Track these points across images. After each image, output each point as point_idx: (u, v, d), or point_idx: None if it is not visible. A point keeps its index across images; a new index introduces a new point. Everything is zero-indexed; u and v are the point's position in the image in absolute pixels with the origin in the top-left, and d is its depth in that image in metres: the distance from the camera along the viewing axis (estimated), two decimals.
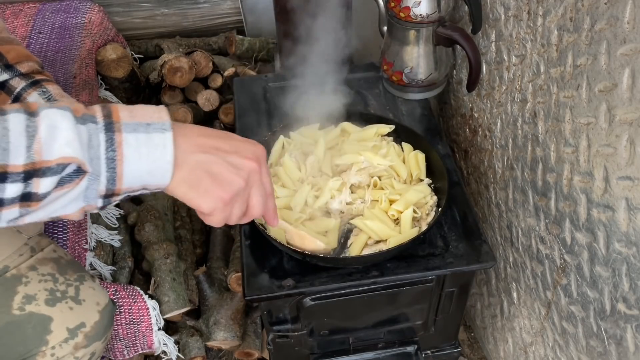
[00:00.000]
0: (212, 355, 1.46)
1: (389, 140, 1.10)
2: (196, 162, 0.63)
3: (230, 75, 1.61)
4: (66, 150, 0.55)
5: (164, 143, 0.60)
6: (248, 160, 0.67)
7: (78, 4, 1.66)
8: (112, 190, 0.60)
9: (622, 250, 0.74)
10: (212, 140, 0.65)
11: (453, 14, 1.20)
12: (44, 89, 0.96)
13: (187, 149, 0.63)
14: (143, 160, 0.59)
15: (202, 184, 0.64)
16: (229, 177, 0.66)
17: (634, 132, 0.67)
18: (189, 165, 0.63)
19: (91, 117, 0.58)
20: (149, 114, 0.61)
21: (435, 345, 1.23)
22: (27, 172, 0.54)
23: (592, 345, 0.88)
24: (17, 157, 0.53)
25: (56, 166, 0.55)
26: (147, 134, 0.59)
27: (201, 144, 0.64)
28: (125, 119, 0.59)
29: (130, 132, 0.58)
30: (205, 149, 0.64)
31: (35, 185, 0.55)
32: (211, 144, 0.65)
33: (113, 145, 0.58)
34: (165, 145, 0.60)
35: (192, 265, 1.44)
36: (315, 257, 0.93)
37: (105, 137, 0.58)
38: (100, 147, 0.57)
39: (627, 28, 0.65)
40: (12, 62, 0.96)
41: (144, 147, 0.59)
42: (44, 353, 0.92)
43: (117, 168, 0.59)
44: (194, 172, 0.64)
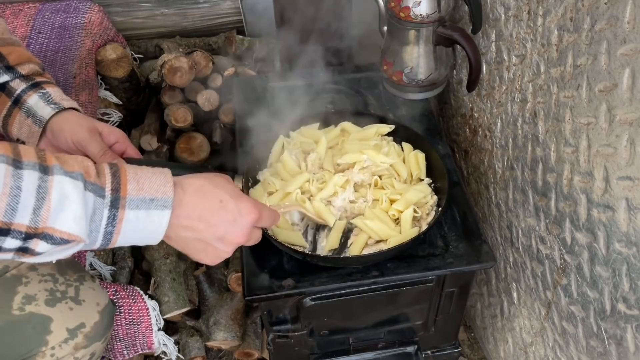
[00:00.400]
0: (212, 356, 1.46)
1: (389, 140, 1.10)
2: (184, 240, 0.70)
3: (230, 75, 1.60)
4: (72, 226, 0.59)
5: (160, 221, 0.65)
6: (233, 244, 0.73)
7: (78, 4, 1.66)
8: (102, 249, 0.69)
9: (622, 250, 0.74)
10: (203, 222, 0.69)
11: (453, 14, 1.20)
12: (44, 92, 0.96)
13: (178, 225, 0.68)
14: (137, 233, 0.65)
15: (190, 255, 0.73)
16: (215, 253, 0.73)
17: (634, 132, 0.67)
18: (178, 240, 0.70)
19: (100, 189, 0.62)
20: (155, 187, 0.65)
21: (435, 345, 1.23)
22: (29, 234, 0.58)
23: (592, 345, 0.88)
24: (23, 217, 0.57)
25: (60, 239, 0.59)
26: (148, 211, 0.64)
27: (191, 225, 0.69)
28: (131, 194, 0.63)
29: (133, 208, 0.63)
30: (195, 228, 0.69)
31: (34, 245, 0.59)
32: (203, 223, 0.69)
33: (114, 222, 0.62)
34: (161, 224, 0.65)
35: (192, 265, 1.44)
36: (316, 257, 0.93)
37: (108, 214, 0.62)
38: (102, 221, 0.62)
39: (627, 28, 0.65)
40: (12, 63, 0.96)
41: (141, 223, 0.64)
42: (44, 353, 0.92)
43: (112, 239, 0.64)
44: (182, 247, 0.71)
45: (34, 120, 0.94)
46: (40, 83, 0.98)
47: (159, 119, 1.61)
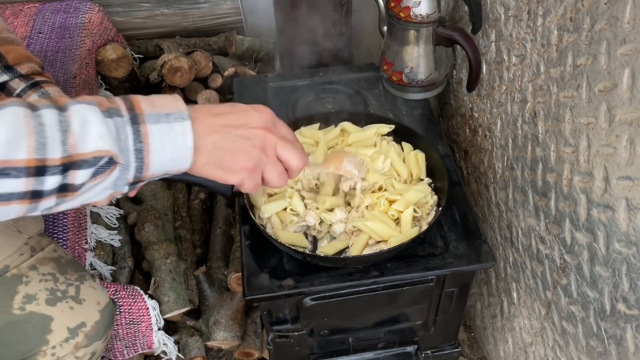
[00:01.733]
0: (212, 355, 1.46)
1: (389, 140, 1.10)
2: (212, 144, 0.68)
3: (230, 75, 1.61)
4: (100, 143, 0.58)
5: (183, 132, 0.64)
6: (257, 130, 0.71)
7: (78, 4, 1.66)
8: (139, 178, 0.64)
9: (622, 250, 0.74)
10: (220, 118, 0.69)
11: (453, 14, 1.20)
12: (44, 91, 0.96)
13: (201, 133, 0.66)
14: (167, 149, 0.63)
15: (224, 162, 0.69)
16: (245, 149, 0.70)
17: (634, 132, 0.68)
18: (207, 149, 0.67)
19: (116, 110, 0.61)
20: (167, 104, 0.64)
21: (435, 345, 1.23)
22: (65, 164, 0.57)
23: (592, 345, 0.88)
24: (54, 151, 0.56)
25: (92, 159, 0.58)
26: (169, 124, 0.63)
27: (212, 125, 0.68)
28: (147, 111, 0.62)
29: (153, 123, 0.62)
30: (217, 129, 0.68)
31: (72, 177, 0.58)
32: (221, 122, 0.69)
33: (140, 137, 0.61)
34: (185, 134, 0.64)
35: (192, 265, 1.44)
36: (316, 257, 0.93)
37: (132, 130, 0.61)
38: (128, 139, 0.61)
39: (627, 28, 0.66)
40: (12, 63, 0.96)
41: (167, 137, 0.63)
42: (45, 352, 0.92)
43: (145, 158, 0.62)
44: (212, 153, 0.68)
45: None
46: (40, 82, 0.97)
47: None
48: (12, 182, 0.55)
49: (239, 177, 0.71)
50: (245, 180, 0.72)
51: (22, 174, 0.55)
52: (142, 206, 1.44)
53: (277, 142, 0.73)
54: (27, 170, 0.55)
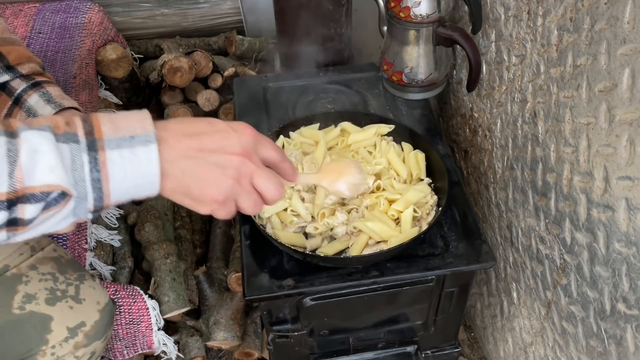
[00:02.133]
0: (212, 355, 1.46)
1: (389, 140, 1.10)
2: (181, 171, 0.62)
3: (230, 75, 1.61)
4: (49, 177, 0.54)
5: (148, 157, 0.59)
6: (233, 157, 0.65)
7: (78, 4, 1.66)
8: (99, 206, 0.59)
9: (622, 250, 0.74)
10: (194, 140, 0.63)
11: (453, 14, 1.20)
12: (45, 91, 0.96)
13: (171, 158, 0.61)
14: (129, 177, 0.58)
15: (192, 192, 0.64)
16: (216, 179, 0.64)
17: (634, 132, 0.68)
18: (175, 176, 0.62)
19: (73, 135, 0.56)
20: (132, 125, 0.59)
21: (435, 345, 1.23)
22: (10, 200, 0.53)
23: (592, 345, 0.88)
24: (0, 185, 0.53)
25: (40, 194, 0.54)
26: (131, 149, 0.58)
27: (184, 148, 0.62)
28: (107, 134, 0.57)
29: (114, 148, 0.57)
30: (188, 153, 0.62)
31: (20, 212, 0.54)
32: (194, 145, 0.63)
33: (97, 166, 0.57)
34: (150, 159, 0.59)
35: (192, 265, 1.44)
36: (316, 257, 0.93)
37: (88, 158, 0.56)
38: (84, 168, 0.56)
39: (627, 28, 0.66)
40: (13, 63, 0.96)
41: (128, 164, 0.58)
42: (44, 352, 0.92)
43: (104, 187, 0.58)
44: (180, 181, 0.63)
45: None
46: (41, 82, 0.97)
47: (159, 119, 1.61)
48: None
49: (209, 208, 0.66)
50: (216, 211, 0.67)
51: None
52: (142, 206, 1.44)
53: (254, 171, 0.66)
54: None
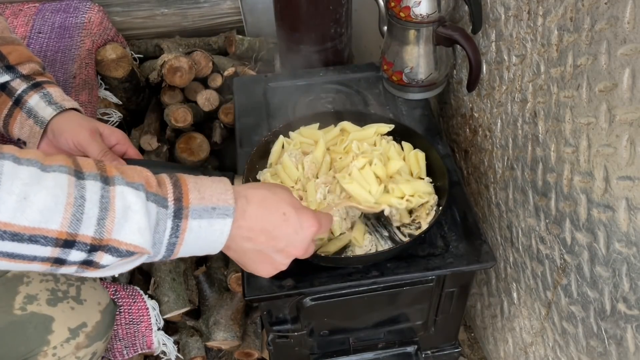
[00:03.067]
0: (212, 356, 1.46)
1: (389, 139, 1.10)
2: (243, 250, 0.69)
3: (230, 75, 1.60)
4: (137, 238, 0.58)
5: (222, 230, 0.64)
6: (292, 256, 0.73)
7: (78, 4, 1.66)
8: (164, 260, 0.65)
9: (622, 250, 0.74)
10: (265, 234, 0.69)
11: (453, 14, 1.20)
12: (45, 92, 0.96)
13: (239, 236, 0.67)
14: (199, 243, 0.64)
15: (247, 266, 0.73)
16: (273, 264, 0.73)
17: (634, 132, 0.68)
18: (237, 251, 0.69)
19: (163, 199, 0.61)
20: (216, 195, 0.64)
21: (435, 345, 1.23)
22: (94, 245, 0.57)
23: (592, 345, 0.88)
24: (88, 228, 0.56)
25: (124, 251, 0.58)
26: (210, 220, 0.63)
27: (254, 235, 0.68)
28: (194, 203, 0.62)
29: (195, 218, 0.62)
30: (256, 240, 0.69)
31: (98, 257, 0.58)
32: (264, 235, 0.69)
33: (177, 232, 0.62)
34: (222, 232, 0.64)
35: (192, 265, 1.44)
36: (317, 257, 0.93)
37: (171, 225, 0.61)
38: (165, 232, 0.61)
39: (627, 28, 0.66)
40: (13, 63, 0.96)
41: (203, 233, 0.63)
42: (46, 353, 0.92)
43: (175, 250, 0.63)
44: (239, 257, 0.71)
45: (35, 121, 0.94)
46: (41, 83, 0.97)
47: (159, 119, 1.62)
48: (38, 248, 0.55)
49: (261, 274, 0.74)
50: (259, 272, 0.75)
51: (50, 243, 0.55)
52: None
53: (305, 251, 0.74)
54: (55, 241, 0.55)
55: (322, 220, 0.74)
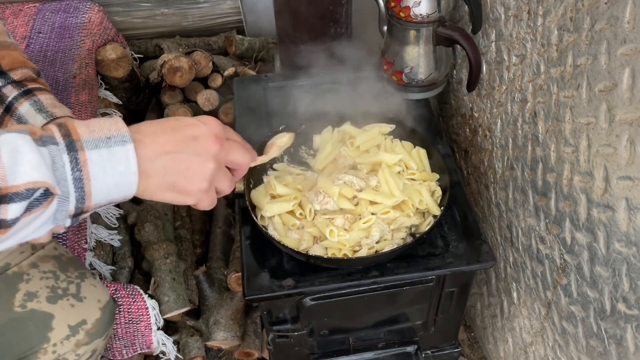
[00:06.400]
0: (212, 355, 1.46)
1: (391, 138, 1.11)
2: (162, 167, 0.65)
3: (230, 75, 1.61)
4: (33, 174, 0.55)
5: (126, 155, 0.61)
6: (208, 142, 0.68)
7: (78, 4, 1.66)
8: (81, 209, 0.60)
9: (622, 250, 0.75)
10: (168, 135, 0.66)
11: (453, 14, 1.20)
12: (36, 99, 0.93)
13: (149, 156, 0.64)
14: (109, 176, 0.60)
15: (177, 184, 0.66)
16: (199, 168, 0.67)
17: (634, 132, 0.68)
18: (157, 172, 0.65)
19: (50, 138, 0.58)
20: (107, 127, 0.61)
21: (435, 345, 1.23)
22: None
23: (592, 345, 0.88)
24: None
25: (25, 191, 0.54)
26: (109, 149, 0.60)
27: (161, 146, 0.65)
28: (85, 136, 0.59)
29: (92, 149, 0.59)
30: (166, 149, 0.65)
31: (3, 212, 0.54)
32: (169, 140, 0.66)
33: (78, 165, 0.58)
34: (128, 158, 0.61)
35: (192, 265, 1.44)
36: (318, 258, 0.93)
37: (69, 158, 0.58)
38: (65, 167, 0.57)
39: (627, 28, 0.66)
40: (5, 68, 0.93)
41: (108, 163, 0.60)
42: (46, 350, 0.92)
43: (85, 187, 0.59)
44: (164, 177, 0.65)
45: None
46: (32, 90, 0.94)
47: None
48: None
49: (194, 198, 0.69)
50: (201, 201, 0.70)
51: None
52: (142, 206, 1.44)
53: (228, 150, 0.71)
54: None
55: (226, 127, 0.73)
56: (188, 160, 0.66)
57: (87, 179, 0.59)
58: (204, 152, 0.68)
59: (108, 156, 0.60)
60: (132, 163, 0.61)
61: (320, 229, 0.95)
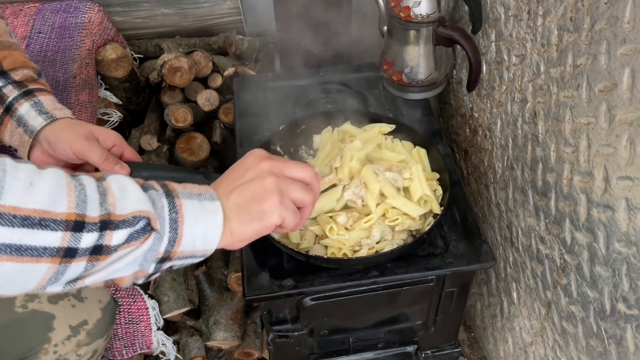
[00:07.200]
0: (212, 355, 1.46)
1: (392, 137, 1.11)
2: (235, 205, 0.70)
3: (230, 75, 1.60)
4: (139, 205, 0.60)
5: (214, 209, 0.67)
6: (258, 165, 0.73)
7: (78, 4, 1.66)
8: (169, 253, 0.64)
9: (622, 250, 0.75)
10: (227, 178, 0.73)
11: (453, 14, 1.20)
12: (36, 100, 0.93)
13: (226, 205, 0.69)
14: (199, 223, 0.65)
15: (253, 210, 0.70)
16: (261, 186, 0.71)
17: (634, 132, 0.68)
18: (232, 211, 0.69)
19: (150, 186, 0.65)
20: (196, 188, 0.68)
21: (435, 345, 1.23)
22: (103, 222, 0.58)
23: (592, 345, 0.88)
24: (93, 209, 0.58)
25: (131, 219, 0.59)
26: (200, 202, 0.66)
27: (225, 188, 0.71)
28: (179, 189, 0.66)
29: (186, 198, 0.65)
30: (230, 189, 0.71)
31: (108, 237, 0.58)
32: (228, 181, 0.72)
33: (175, 208, 0.64)
34: (216, 212, 0.67)
35: (192, 265, 1.44)
36: (319, 259, 0.93)
37: (167, 202, 0.64)
38: (164, 209, 0.63)
39: (627, 28, 0.66)
40: (6, 68, 0.93)
41: (199, 211, 0.66)
42: (47, 350, 0.92)
43: (179, 229, 0.64)
44: (240, 211, 0.70)
45: (24, 130, 0.91)
46: (33, 91, 0.94)
47: (159, 119, 1.62)
48: (49, 235, 0.54)
49: (275, 215, 0.71)
50: (284, 213, 0.71)
51: (61, 227, 0.55)
52: None
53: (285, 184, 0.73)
54: (65, 223, 0.55)
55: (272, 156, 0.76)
56: (250, 186, 0.71)
57: (181, 222, 0.64)
58: (259, 173, 0.72)
59: (199, 206, 0.66)
60: (219, 217, 0.67)
61: (322, 227, 0.95)
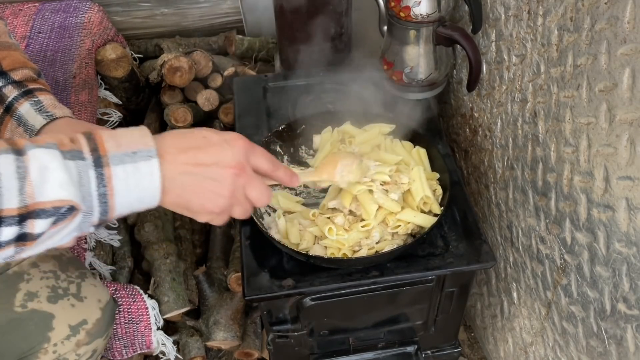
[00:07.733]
0: (212, 355, 1.46)
1: (392, 137, 1.11)
2: (180, 187, 0.66)
3: (230, 75, 1.60)
4: (60, 192, 0.57)
5: (150, 171, 0.62)
6: (228, 170, 0.69)
7: (78, 4, 1.66)
8: (104, 220, 0.62)
9: (622, 250, 0.75)
10: (190, 154, 0.67)
11: (453, 14, 1.20)
12: (36, 99, 0.94)
13: (170, 174, 0.65)
14: (132, 191, 0.62)
15: (191, 204, 0.68)
16: (213, 194, 0.68)
17: (634, 132, 0.68)
18: (174, 191, 0.66)
19: (78, 152, 0.60)
20: (134, 141, 0.63)
21: (436, 345, 1.23)
22: (22, 215, 0.55)
23: (592, 345, 0.88)
24: (10, 200, 0.55)
25: (52, 209, 0.57)
26: (134, 164, 0.61)
27: (182, 163, 0.66)
28: (111, 150, 0.61)
29: (118, 164, 0.60)
30: (187, 169, 0.66)
31: (30, 227, 0.56)
32: (191, 160, 0.66)
33: (103, 181, 0.60)
34: (152, 173, 0.63)
35: (192, 265, 1.44)
36: (319, 259, 0.93)
37: (95, 174, 0.60)
38: (90, 184, 0.59)
39: (627, 28, 0.66)
40: (6, 68, 0.94)
41: (132, 178, 0.61)
42: (46, 350, 0.92)
43: (109, 202, 0.61)
44: (180, 196, 0.67)
45: (25, 129, 0.91)
46: (32, 90, 0.95)
47: (158, 119, 1.62)
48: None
49: (207, 218, 0.71)
50: (213, 220, 0.72)
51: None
52: None
53: (246, 182, 0.70)
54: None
55: (255, 146, 0.72)
56: (205, 184, 0.68)
57: (111, 195, 0.61)
58: (222, 179, 0.68)
59: (133, 171, 0.61)
60: (155, 178, 0.63)
61: (321, 228, 0.95)
